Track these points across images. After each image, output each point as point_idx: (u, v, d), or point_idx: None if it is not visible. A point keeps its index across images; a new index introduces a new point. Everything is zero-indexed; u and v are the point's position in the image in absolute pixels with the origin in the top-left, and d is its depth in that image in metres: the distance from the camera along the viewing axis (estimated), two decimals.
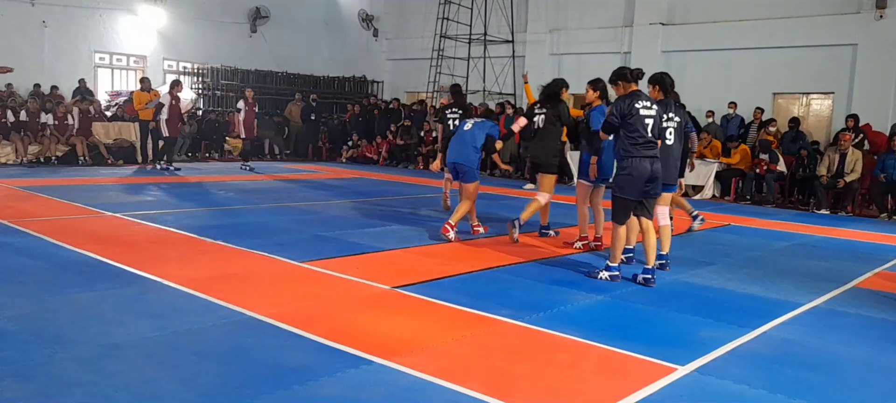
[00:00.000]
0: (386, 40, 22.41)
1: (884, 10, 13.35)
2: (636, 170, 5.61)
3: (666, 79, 6.23)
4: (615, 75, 5.93)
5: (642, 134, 5.61)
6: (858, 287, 6.19)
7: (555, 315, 4.78)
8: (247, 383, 3.38)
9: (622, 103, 5.67)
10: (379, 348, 3.91)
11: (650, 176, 5.65)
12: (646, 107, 5.67)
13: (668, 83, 6.23)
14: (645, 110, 5.65)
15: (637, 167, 5.61)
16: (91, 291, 4.87)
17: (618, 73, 5.89)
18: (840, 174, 11.81)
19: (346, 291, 5.22)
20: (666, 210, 6.50)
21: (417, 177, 15.06)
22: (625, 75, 5.85)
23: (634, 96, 5.69)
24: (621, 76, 5.85)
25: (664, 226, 6.48)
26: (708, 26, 15.65)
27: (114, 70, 19.54)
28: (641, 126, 5.60)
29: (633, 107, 5.61)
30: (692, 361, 3.95)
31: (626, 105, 5.64)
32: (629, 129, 5.61)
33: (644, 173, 5.62)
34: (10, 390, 3.17)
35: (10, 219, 7.45)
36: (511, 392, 3.42)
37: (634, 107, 5.60)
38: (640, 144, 5.61)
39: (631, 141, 5.62)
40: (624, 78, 5.84)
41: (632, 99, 5.67)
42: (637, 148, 5.60)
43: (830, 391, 3.69)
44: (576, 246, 7.27)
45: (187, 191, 10.85)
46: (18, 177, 11.66)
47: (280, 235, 7.26)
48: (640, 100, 5.68)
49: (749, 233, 9.07)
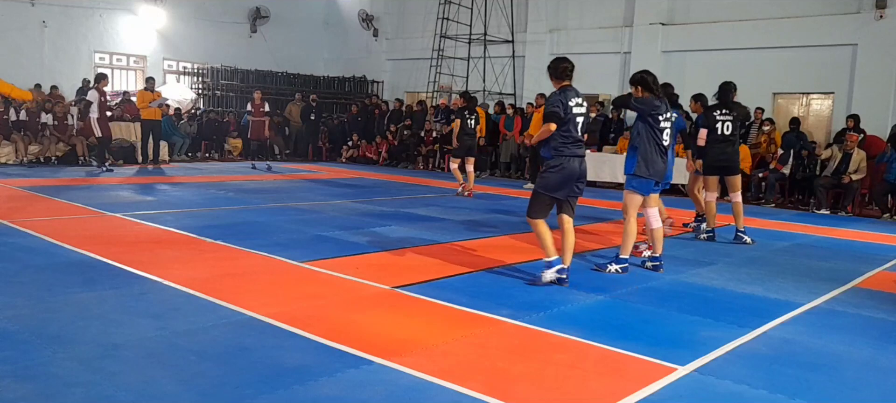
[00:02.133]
0: (386, 40, 22.41)
1: (884, 10, 13.35)
2: (567, 169, 5.48)
3: (647, 79, 6.12)
4: (551, 69, 5.70)
5: (573, 132, 5.50)
6: (858, 287, 6.18)
7: (555, 315, 4.78)
8: (247, 383, 3.38)
9: (563, 97, 5.46)
10: (379, 348, 3.91)
11: (579, 174, 5.54)
12: (578, 104, 5.54)
13: (652, 82, 6.11)
14: (577, 108, 5.51)
15: (567, 166, 5.48)
16: (91, 291, 4.87)
17: (553, 67, 5.67)
18: (841, 172, 11.81)
19: (346, 291, 5.22)
20: (656, 211, 6.48)
21: (417, 177, 15.05)
22: (556, 69, 5.64)
23: (568, 91, 5.53)
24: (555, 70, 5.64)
25: (656, 229, 6.44)
26: (708, 26, 15.65)
27: (114, 70, 19.54)
28: (573, 124, 5.49)
29: (568, 103, 5.45)
30: (692, 361, 3.95)
31: (564, 99, 5.44)
32: (562, 127, 5.47)
33: (574, 172, 5.51)
34: (11, 390, 3.17)
35: (10, 219, 7.45)
36: (511, 392, 3.42)
37: (568, 104, 5.44)
38: (571, 143, 5.50)
39: (563, 140, 5.48)
40: (554, 74, 5.65)
41: (565, 94, 5.48)
42: (568, 147, 5.48)
43: (830, 391, 3.69)
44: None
45: (187, 192, 10.85)
46: (18, 177, 11.66)
47: (280, 235, 7.26)
48: (573, 95, 5.52)
49: (749, 233, 9.05)
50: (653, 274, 6.21)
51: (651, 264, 6.34)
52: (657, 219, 6.45)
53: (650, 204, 6.35)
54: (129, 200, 9.49)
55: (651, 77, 6.16)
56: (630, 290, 5.61)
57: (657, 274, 6.22)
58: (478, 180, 15.03)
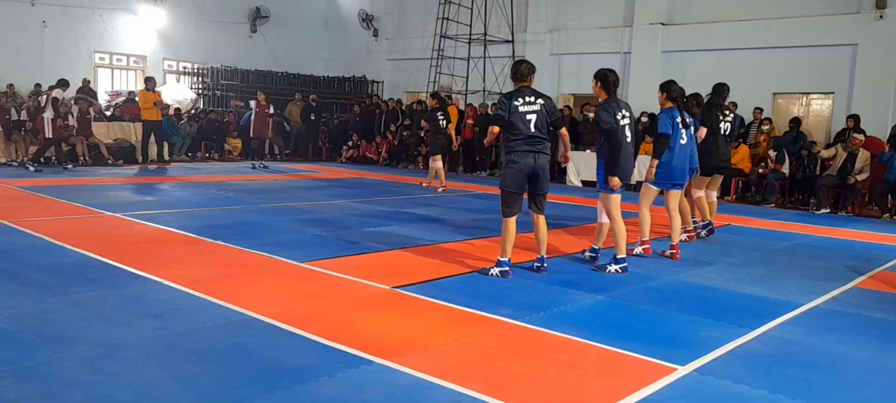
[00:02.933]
0: (386, 40, 22.42)
1: (883, 10, 13.35)
2: (520, 165, 5.71)
3: (609, 77, 6.20)
4: (511, 71, 6.02)
5: (523, 130, 5.70)
6: (858, 287, 6.19)
7: (554, 315, 4.78)
8: (247, 383, 3.38)
9: (508, 99, 5.78)
10: (379, 348, 3.91)
11: (534, 169, 5.74)
12: (528, 102, 5.74)
13: (612, 81, 6.19)
14: (525, 106, 5.73)
15: (521, 161, 5.71)
16: (91, 291, 4.87)
17: (515, 71, 5.94)
18: (846, 173, 11.81)
19: (346, 291, 5.22)
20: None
21: (417, 177, 15.06)
22: (512, 71, 5.96)
23: (518, 93, 5.78)
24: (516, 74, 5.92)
25: (604, 224, 6.54)
26: (708, 26, 15.65)
27: (114, 70, 19.55)
28: (523, 123, 5.70)
29: (513, 104, 5.72)
30: (692, 361, 3.95)
31: (508, 101, 5.77)
32: (509, 128, 5.72)
33: (528, 167, 5.71)
34: (11, 390, 3.17)
35: (11, 219, 7.45)
36: (511, 392, 3.42)
37: (513, 104, 5.72)
38: (521, 140, 5.71)
39: (513, 138, 5.74)
40: (512, 76, 5.97)
41: (511, 96, 5.77)
42: (520, 143, 5.71)
43: (830, 391, 3.69)
44: (636, 251, 7.04)
45: (188, 192, 10.85)
46: (19, 177, 11.66)
47: (280, 235, 7.26)
48: (522, 96, 5.75)
49: (749, 233, 9.06)
50: (653, 275, 6.21)
51: (619, 267, 6.19)
52: (606, 215, 6.50)
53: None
54: (129, 200, 9.49)
55: (613, 76, 6.24)
56: (630, 290, 5.61)
57: (657, 275, 6.22)
58: (478, 180, 15.08)
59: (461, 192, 12.60)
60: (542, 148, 5.77)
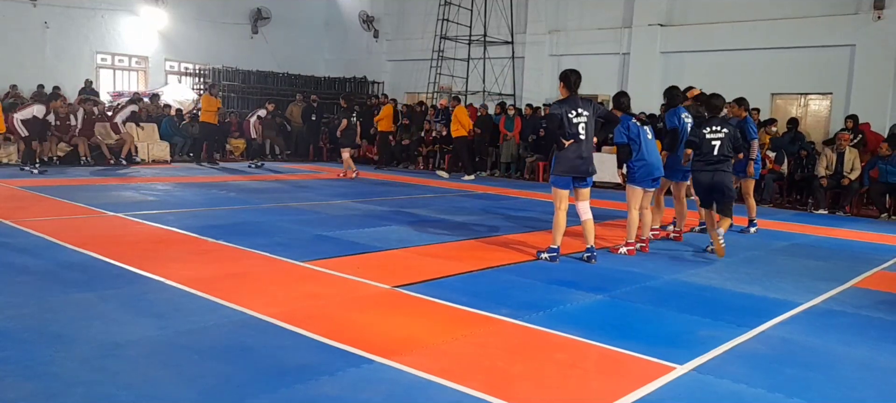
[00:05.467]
0: (386, 41, 22.45)
1: (882, 10, 13.37)
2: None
3: (571, 77, 6.44)
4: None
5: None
6: (857, 287, 6.20)
7: (554, 314, 4.80)
8: (248, 382, 3.40)
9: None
10: (379, 347, 3.93)
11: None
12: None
13: (573, 80, 6.42)
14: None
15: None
16: (92, 291, 4.89)
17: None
18: (840, 174, 11.83)
19: (347, 290, 5.24)
20: (586, 205, 6.65)
21: (418, 177, 15.08)
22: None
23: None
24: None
25: (587, 221, 6.64)
26: (706, 27, 15.68)
27: (115, 71, 19.58)
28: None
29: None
30: (691, 360, 3.97)
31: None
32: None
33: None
34: (12, 389, 3.19)
35: (11, 219, 7.47)
36: (511, 391, 3.44)
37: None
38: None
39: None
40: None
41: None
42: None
43: (829, 390, 3.71)
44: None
45: (189, 191, 10.87)
46: (19, 177, 11.68)
47: (281, 235, 7.28)
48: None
49: (748, 233, 9.07)
50: (652, 274, 6.23)
51: (548, 256, 6.55)
52: (587, 212, 6.65)
53: (581, 199, 6.63)
54: (130, 200, 9.51)
55: (574, 76, 6.48)
56: (629, 290, 5.63)
57: (657, 274, 6.24)
58: (478, 180, 15.11)
59: (461, 192, 12.62)
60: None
